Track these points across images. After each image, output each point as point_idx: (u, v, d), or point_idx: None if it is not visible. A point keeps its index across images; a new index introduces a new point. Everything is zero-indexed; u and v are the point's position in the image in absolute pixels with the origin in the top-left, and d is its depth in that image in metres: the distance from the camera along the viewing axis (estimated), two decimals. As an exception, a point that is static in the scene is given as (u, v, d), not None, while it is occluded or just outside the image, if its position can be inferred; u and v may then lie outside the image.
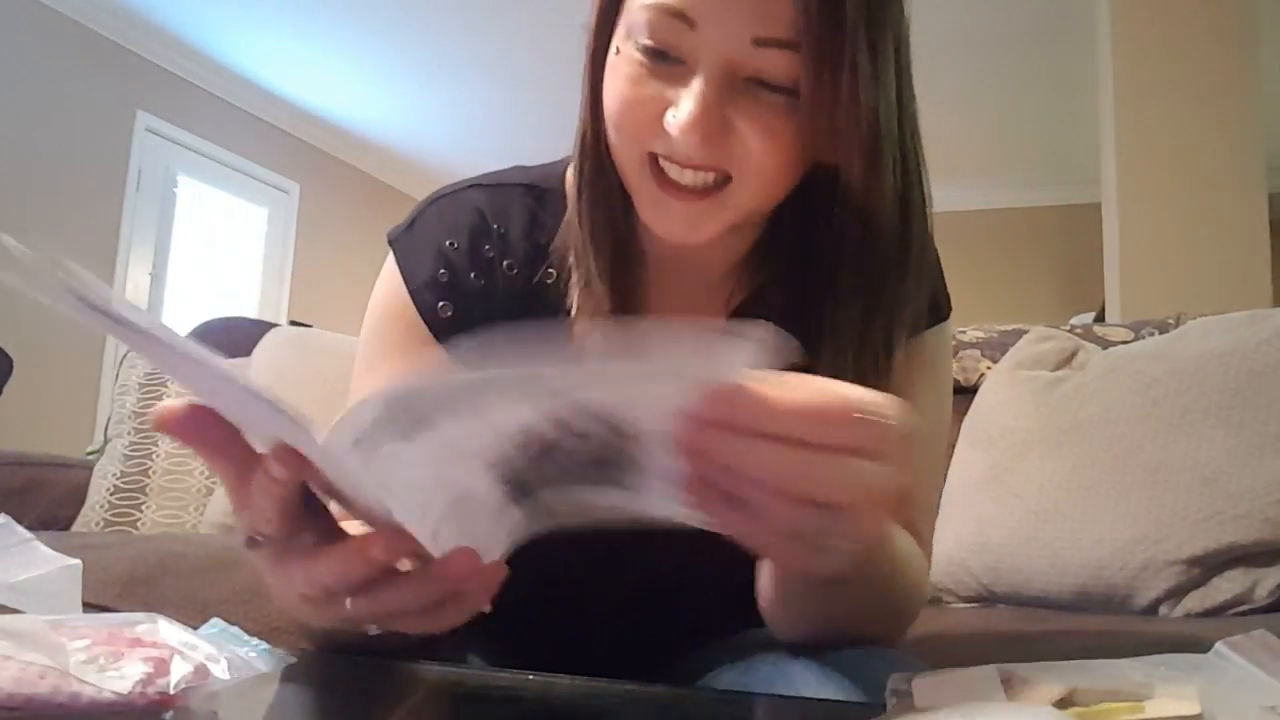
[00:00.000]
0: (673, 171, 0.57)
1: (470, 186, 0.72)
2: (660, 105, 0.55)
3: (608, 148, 0.61)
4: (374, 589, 0.42)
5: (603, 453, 0.40)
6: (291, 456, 0.39)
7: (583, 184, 0.64)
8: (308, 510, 0.43)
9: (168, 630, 0.46)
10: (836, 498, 0.39)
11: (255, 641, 0.50)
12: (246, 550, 0.44)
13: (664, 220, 0.59)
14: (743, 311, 0.69)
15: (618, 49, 0.57)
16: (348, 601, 0.43)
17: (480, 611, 0.44)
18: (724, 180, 0.57)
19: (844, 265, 0.60)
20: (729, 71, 0.54)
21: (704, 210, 0.57)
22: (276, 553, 0.43)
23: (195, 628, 0.48)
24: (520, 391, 0.36)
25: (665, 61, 0.55)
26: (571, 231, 0.66)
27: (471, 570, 0.41)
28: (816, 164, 0.59)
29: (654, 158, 0.57)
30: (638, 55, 0.56)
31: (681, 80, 0.55)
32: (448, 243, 0.68)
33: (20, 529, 0.58)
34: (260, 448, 0.40)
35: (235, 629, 0.50)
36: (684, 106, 0.54)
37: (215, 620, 0.50)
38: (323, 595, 0.43)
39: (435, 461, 0.39)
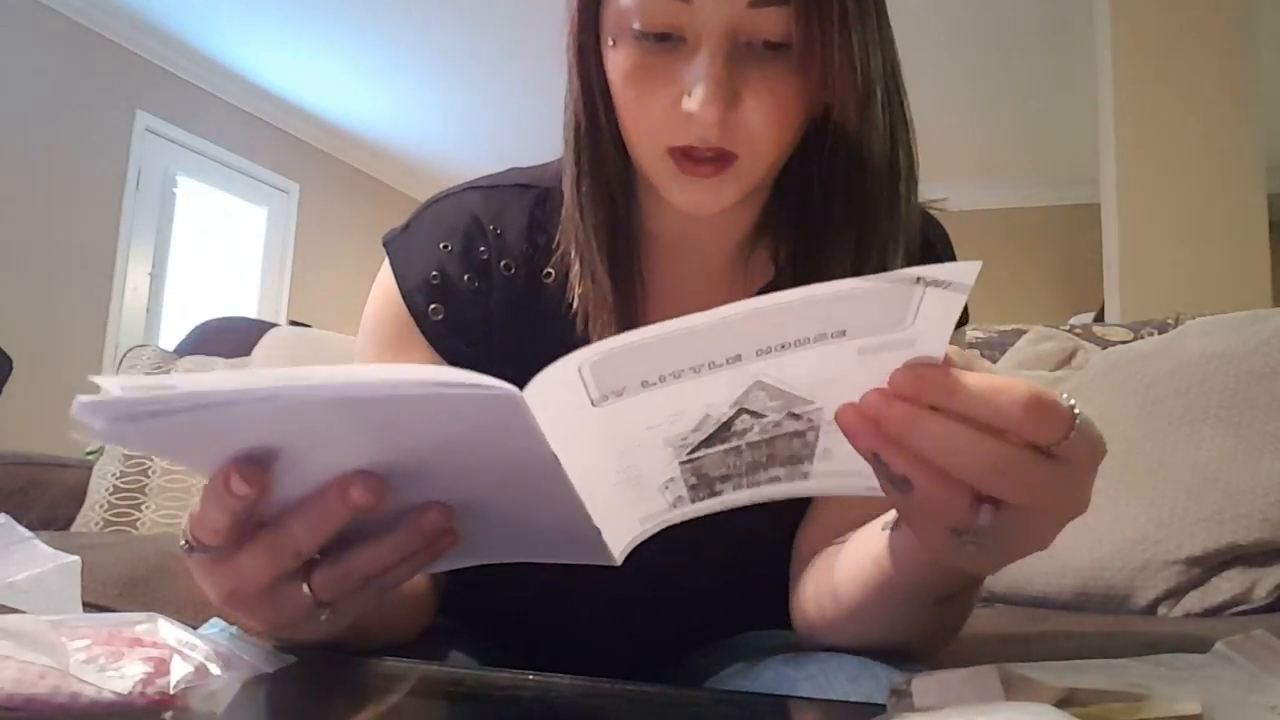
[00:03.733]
0: (693, 153, 0.57)
1: (467, 189, 0.72)
2: (672, 95, 0.56)
3: (606, 137, 0.61)
4: (341, 552, 0.44)
5: (776, 433, 0.40)
6: (255, 474, 0.40)
7: (580, 176, 0.64)
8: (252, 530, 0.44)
9: (168, 630, 0.46)
10: (1012, 496, 0.37)
11: (255, 641, 0.50)
12: (181, 552, 0.45)
13: (687, 195, 0.59)
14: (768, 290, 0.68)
15: (613, 41, 0.57)
16: (312, 579, 0.44)
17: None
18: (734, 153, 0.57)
19: (836, 206, 0.61)
20: (731, 39, 0.54)
21: (723, 179, 0.58)
22: (211, 560, 0.45)
23: (195, 628, 0.48)
24: (714, 337, 0.35)
25: (667, 43, 0.55)
26: (573, 226, 0.65)
27: (445, 522, 0.44)
28: (811, 120, 0.60)
29: (673, 147, 0.58)
30: (638, 43, 0.56)
31: (685, 59, 0.55)
32: (441, 245, 0.68)
33: (20, 528, 0.58)
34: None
35: (235, 629, 0.50)
36: (697, 90, 0.54)
37: (215, 620, 0.50)
38: (291, 559, 0.43)
39: (623, 438, 0.39)
